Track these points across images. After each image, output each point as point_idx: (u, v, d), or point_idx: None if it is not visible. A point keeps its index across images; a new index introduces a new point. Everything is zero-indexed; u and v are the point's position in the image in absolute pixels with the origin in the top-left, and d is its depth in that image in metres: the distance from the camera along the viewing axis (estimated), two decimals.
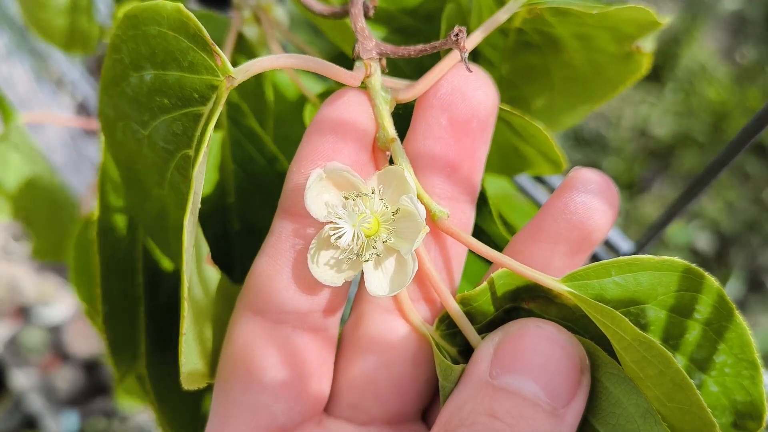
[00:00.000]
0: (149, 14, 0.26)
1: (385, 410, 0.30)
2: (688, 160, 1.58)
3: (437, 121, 0.28)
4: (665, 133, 1.61)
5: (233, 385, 0.29)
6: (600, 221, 0.28)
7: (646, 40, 0.33)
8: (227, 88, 0.25)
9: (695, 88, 1.64)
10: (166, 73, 0.26)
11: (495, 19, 0.29)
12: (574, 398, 0.25)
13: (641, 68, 0.34)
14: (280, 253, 0.28)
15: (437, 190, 0.29)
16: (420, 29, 0.34)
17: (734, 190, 1.53)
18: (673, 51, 1.66)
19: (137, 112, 0.28)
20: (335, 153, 0.27)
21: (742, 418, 0.26)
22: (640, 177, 1.59)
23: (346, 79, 0.28)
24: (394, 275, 0.27)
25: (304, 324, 0.29)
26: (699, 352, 0.26)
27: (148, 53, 0.26)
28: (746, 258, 1.48)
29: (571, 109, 0.39)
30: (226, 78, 0.25)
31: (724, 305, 0.25)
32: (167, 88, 0.26)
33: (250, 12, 0.40)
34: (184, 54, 0.25)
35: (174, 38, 0.25)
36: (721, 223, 1.51)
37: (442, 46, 0.28)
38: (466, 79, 0.28)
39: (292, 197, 0.28)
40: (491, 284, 0.28)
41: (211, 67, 0.25)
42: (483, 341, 0.27)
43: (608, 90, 0.37)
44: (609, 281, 0.26)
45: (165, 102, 0.26)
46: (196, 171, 0.24)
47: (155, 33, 0.26)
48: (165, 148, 0.27)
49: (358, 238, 0.26)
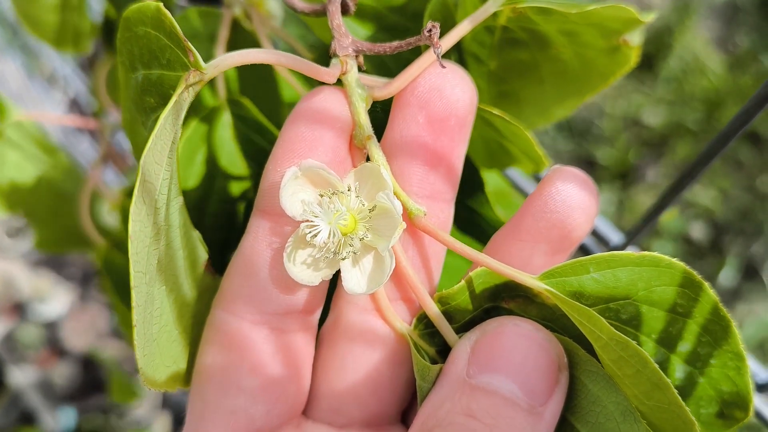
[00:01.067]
0: (138, 15, 0.26)
1: (364, 412, 0.30)
2: (681, 149, 1.58)
3: (415, 119, 0.28)
4: (658, 122, 1.61)
5: (210, 388, 0.28)
6: (580, 219, 0.28)
7: (633, 33, 0.33)
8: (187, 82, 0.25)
9: (688, 77, 1.63)
10: (151, 71, 0.26)
11: (474, 18, 0.29)
12: (552, 396, 0.25)
13: (630, 61, 0.34)
14: (256, 253, 0.28)
15: (415, 189, 0.28)
16: (408, 28, 0.34)
17: (728, 179, 1.53)
18: (666, 40, 1.66)
19: (138, 113, 0.28)
20: (311, 151, 0.27)
21: (729, 408, 0.26)
22: (634, 166, 1.59)
23: (321, 75, 0.28)
24: (371, 273, 0.27)
25: (282, 325, 0.28)
26: (683, 345, 0.26)
27: (139, 53, 0.26)
28: (740, 246, 1.48)
29: (561, 102, 0.39)
30: (192, 71, 0.25)
31: (707, 298, 0.25)
32: (152, 86, 0.26)
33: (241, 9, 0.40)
34: (163, 51, 0.25)
35: (155, 37, 0.25)
36: (715, 212, 1.51)
37: (416, 43, 0.27)
38: (443, 77, 0.28)
39: (268, 196, 0.28)
40: (469, 283, 0.28)
41: (185, 63, 0.25)
42: (460, 340, 0.27)
43: (598, 82, 0.37)
44: (587, 278, 0.26)
45: (151, 101, 0.26)
46: (143, 159, 0.23)
47: (142, 33, 0.26)
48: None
49: (334, 235, 0.26)
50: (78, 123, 0.74)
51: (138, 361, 0.25)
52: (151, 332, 0.26)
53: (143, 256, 0.24)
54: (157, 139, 0.24)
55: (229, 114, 0.37)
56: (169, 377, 0.29)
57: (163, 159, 0.25)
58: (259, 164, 0.36)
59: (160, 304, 0.27)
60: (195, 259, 0.30)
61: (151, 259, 0.25)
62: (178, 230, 0.28)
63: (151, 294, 0.26)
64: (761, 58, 1.62)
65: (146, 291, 0.25)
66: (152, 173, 0.24)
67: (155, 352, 0.27)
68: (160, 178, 0.25)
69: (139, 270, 0.24)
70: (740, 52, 1.66)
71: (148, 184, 0.24)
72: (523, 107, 0.39)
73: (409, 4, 0.35)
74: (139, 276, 0.24)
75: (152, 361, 0.27)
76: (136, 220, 0.23)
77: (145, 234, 0.24)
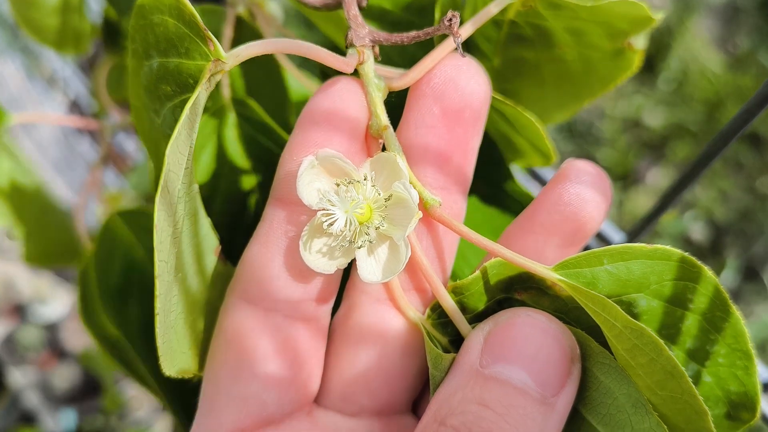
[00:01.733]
0: (155, 3, 0.26)
1: (375, 401, 0.30)
2: (681, 150, 1.58)
3: (430, 110, 0.28)
4: (659, 123, 1.61)
5: (223, 374, 0.29)
6: (593, 212, 0.28)
7: (638, 37, 0.33)
8: (211, 71, 0.25)
9: (688, 78, 1.64)
10: (168, 60, 0.26)
11: (488, 10, 0.29)
12: (564, 387, 0.25)
13: (632, 65, 0.34)
14: (271, 241, 0.28)
15: (429, 180, 0.29)
16: (413, 23, 0.34)
17: (728, 180, 1.54)
18: (666, 41, 1.66)
19: (151, 101, 0.28)
20: (327, 140, 0.27)
21: (736, 409, 0.26)
22: (634, 168, 1.59)
23: (339, 65, 0.28)
24: (386, 262, 0.27)
25: (296, 313, 0.29)
26: (693, 343, 0.26)
27: (154, 41, 0.26)
28: (740, 247, 1.48)
29: (561, 105, 0.39)
30: (214, 62, 0.25)
31: (718, 295, 0.25)
32: (169, 75, 0.26)
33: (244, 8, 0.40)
34: (182, 40, 0.25)
35: (174, 25, 0.25)
36: (715, 213, 1.52)
37: (435, 32, 0.28)
38: (458, 69, 0.28)
39: (284, 184, 0.28)
40: (484, 273, 0.28)
41: (204, 53, 0.25)
42: (473, 330, 0.27)
43: (599, 87, 0.37)
44: (601, 269, 0.26)
45: (168, 89, 0.26)
46: (168, 149, 0.24)
47: (159, 21, 0.26)
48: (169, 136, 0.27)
49: (351, 224, 0.26)
50: (78, 124, 0.74)
51: (159, 348, 0.26)
52: (170, 320, 0.26)
53: (166, 245, 0.24)
54: (182, 128, 0.24)
55: (234, 114, 0.37)
56: (185, 364, 0.29)
57: (186, 148, 0.25)
58: (264, 164, 0.37)
59: (177, 292, 0.27)
60: (207, 246, 0.30)
61: (172, 248, 0.25)
62: (193, 217, 0.28)
63: (171, 282, 0.26)
64: (761, 58, 1.63)
65: (167, 280, 0.25)
66: (176, 163, 0.24)
67: (173, 339, 0.27)
68: (182, 168, 0.25)
69: (162, 259, 0.24)
70: (740, 52, 1.67)
71: (171, 174, 0.24)
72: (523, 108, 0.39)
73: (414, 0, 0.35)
74: (162, 265, 0.24)
75: (170, 348, 0.27)
76: (161, 209, 0.24)
77: (168, 223, 0.25)
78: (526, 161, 0.37)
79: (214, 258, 0.31)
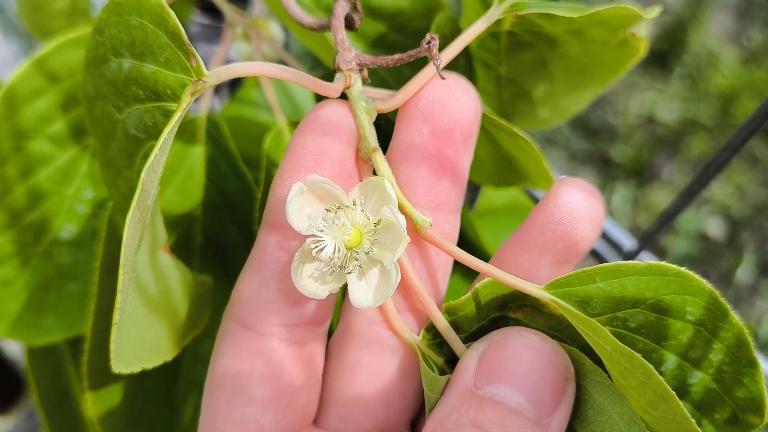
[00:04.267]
0: (133, 4, 0.26)
1: (373, 421, 0.30)
2: (696, 145, 1.57)
3: (419, 131, 0.28)
4: (673, 119, 1.60)
5: (221, 398, 0.29)
6: (585, 231, 0.28)
7: (639, 25, 0.33)
8: (192, 90, 0.25)
9: (702, 73, 1.63)
10: (143, 64, 0.26)
11: (474, 29, 0.29)
12: (559, 407, 0.25)
13: (638, 52, 0.34)
14: (265, 267, 0.28)
15: (420, 200, 0.28)
16: (409, 46, 0.34)
17: (744, 175, 1.52)
18: (680, 36, 1.65)
19: (114, 96, 0.28)
20: (317, 165, 0.27)
21: (743, 412, 0.26)
22: (649, 164, 1.58)
23: (325, 90, 0.28)
24: (378, 286, 0.27)
25: (291, 336, 0.29)
26: (694, 352, 0.26)
27: (129, 42, 0.26)
28: (757, 242, 1.47)
29: (572, 96, 0.39)
30: (195, 80, 0.25)
31: (717, 306, 0.25)
32: (143, 79, 0.26)
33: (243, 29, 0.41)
34: (162, 49, 0.25)
35: (154, 32, 0.25)
36: (732, 208, 1.50)
37: (417, 55, 0.28)
38: (447, 89, 0.28)
39: (275, 210, 0.28)
40: (476, 294, 0.28)
41: (186, 67, 0.25)
42: (468, 351, 0.27)
43: (607, 75, 0.37)
44: (594, 287, 0.26)
45: (139, 93, 0.26)
46: (147, 168, 0.24)
47: (137, 24, 0.26)
48: (135, 136, 0.27)
49: (339, 250, 0.26)
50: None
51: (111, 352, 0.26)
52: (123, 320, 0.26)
53: (130, 260, 0.25)
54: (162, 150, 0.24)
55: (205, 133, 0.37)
56: (134, 358, 0.29)
57: (160, 167, 0.25)
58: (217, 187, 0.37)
59: (131, 292, 0.27)
60: (156, 241, 0.30)
61: (135, 259, 0.26)
62: (152, 220, 0.28)
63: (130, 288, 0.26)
64: None
65: (128, 287, 0.25)
66: (150, 182, 0.24)
67: (123, 335, 0.27)
68: (154, 185, 0.25)
69: (126, 271, 0.24)
70: (754, 46, 1.65)
71: (144, 192, 0.24)
72: (536, 106, 0.39)
73: (409, 22, 0.35)
74: (125, 278, 0.24)
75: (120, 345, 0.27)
76: (131, 227, 0.24)
77: (135, 238, 0.25)
78: (529, 184, 0.37)
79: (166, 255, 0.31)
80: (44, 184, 0.41)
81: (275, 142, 0.37)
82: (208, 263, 0.38)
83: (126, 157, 0.28)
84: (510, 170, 0.36)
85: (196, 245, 0.38)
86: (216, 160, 0.37)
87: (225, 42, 0.40)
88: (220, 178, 0.37)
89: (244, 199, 0.37)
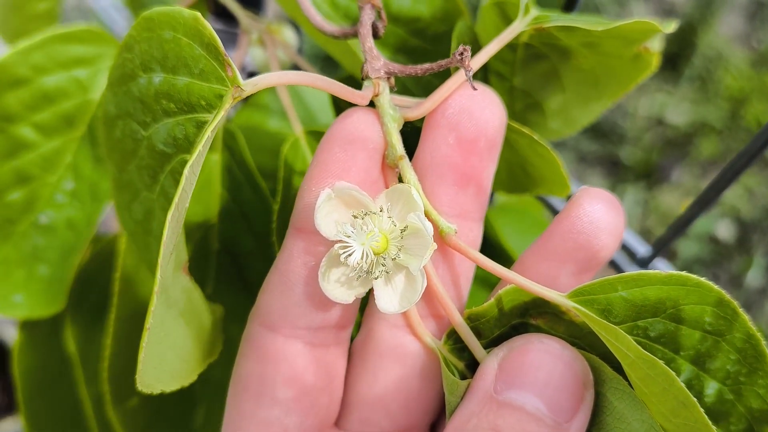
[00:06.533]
0: (166, 19, 0.26)
1: (394, 424, 0.30)
2: (706, 147, 1.57)
3: (445, 140, 0.28)
4: (682, 121, 1.60)
5: (245, 399, 0.29)
6: (607, 240, 0.28)
7: (653, 40, 0.33)
8: (233, 97, 0.25)
9: (712, 75, 1.62)
10: (175, 77, 0.26)
11: (500, 40, 0.30)
12: (577, 413, 0.26)
13: (650, 66, 0.34)
14: (291, 270, 0.29)
15: (445, 208, 0.29)
16: (428, 51, 0.35)
17: (754, 177, 1.52)
18: (689, 39, 1.65)
19: (140, 112, 0.28)
20: (345, 172, 0.28)
21: (758, 424, 0.26)
22: (658, 166, 1.58)
23: (355, 98, 0.28)
24: (403, 291, 0.28)
25: (316, 339, 0.29)
26: (712, 363, 0.26)
27: (160, 56, 0.27)
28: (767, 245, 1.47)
29: (584, 109, 0.39)
30: (234, 88, 0.25)
31: (736, 317, 0.25)
32: (175, 92, 0.26)
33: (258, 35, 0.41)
34: (196, 61, 0.26)
35: (188, 45, 0.26)
36: (742, 211, 1.50)
37: (447, 65, 0.28)
38: (473, 99, 0.28)
39: (303, 215, 0.28)
40: (498, 300, 0.28)
41: (221, 77, 0.25)
42: (488, 356, 0.27)
43: (619, 89, 0.37)
44: (616, 296, 0.26)
45: (170, 106, 0.27)
46: (187, 169, 0.24)
47: (170, 38, 0.26)
48: (163, 152, 0.27)
49: (367, 256, 0.27)
50: None
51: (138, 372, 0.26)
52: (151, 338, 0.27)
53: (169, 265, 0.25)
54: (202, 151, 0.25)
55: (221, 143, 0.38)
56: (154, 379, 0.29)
57: (198, 169, 0.26)
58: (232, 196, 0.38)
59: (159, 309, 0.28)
60: (179, 261, 0.30)
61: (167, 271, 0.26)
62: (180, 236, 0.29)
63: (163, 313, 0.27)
64: None
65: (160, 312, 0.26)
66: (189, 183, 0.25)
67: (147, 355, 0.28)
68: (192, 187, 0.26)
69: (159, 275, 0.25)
70: (764, 48, 1.65)
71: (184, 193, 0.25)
72: (547, 117, 0.40)
73: (428, 27, 0.35)
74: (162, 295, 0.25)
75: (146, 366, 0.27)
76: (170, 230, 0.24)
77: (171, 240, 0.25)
78: (543, 190, 0.37)
79: (185, 276, 0.31)
80: (28, 168, 0.42)
81: (292, 151, 0.37)
82: (224, 269, 0.39)
83: (148, 176, 0.29)
84: (525, 176, 0.37)
85: (212, 252, 0.38)
86: (231, 169, 0.38)
87: (241, 48, 0.41)
88: (235, 186, 0.38)
89: (260, 208, 0.38)
